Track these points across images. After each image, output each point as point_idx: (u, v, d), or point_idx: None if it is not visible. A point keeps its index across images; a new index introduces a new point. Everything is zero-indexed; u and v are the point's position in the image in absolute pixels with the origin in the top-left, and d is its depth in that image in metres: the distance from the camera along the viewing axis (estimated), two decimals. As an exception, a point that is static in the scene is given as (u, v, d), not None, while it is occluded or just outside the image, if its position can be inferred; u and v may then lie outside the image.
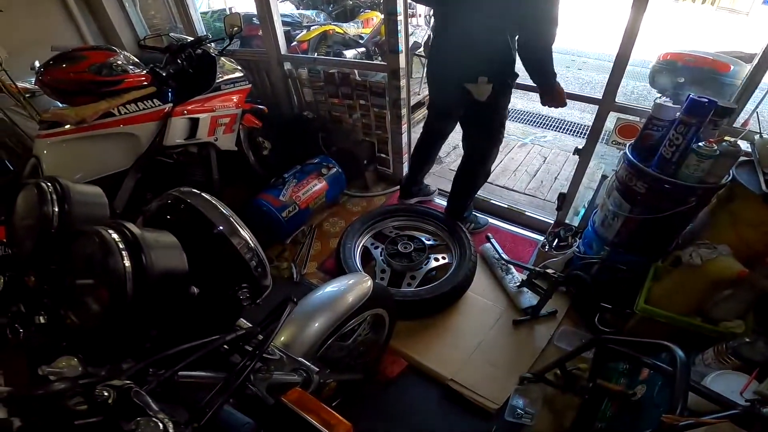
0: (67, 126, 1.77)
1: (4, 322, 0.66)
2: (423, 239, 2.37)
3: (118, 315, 0.52)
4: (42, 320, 0.64)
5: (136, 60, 2.01)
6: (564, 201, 2.33)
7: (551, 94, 1.94)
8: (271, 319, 0.77)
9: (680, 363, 1.05)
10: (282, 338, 1.24)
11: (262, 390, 0.79)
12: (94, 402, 0.45)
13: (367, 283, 1.42)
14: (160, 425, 0.44)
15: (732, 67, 3.27)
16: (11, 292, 0.68)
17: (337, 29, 4.16)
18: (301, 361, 1.13)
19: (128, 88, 1.89)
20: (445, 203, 2.62)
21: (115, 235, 0.53)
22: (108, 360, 0.56)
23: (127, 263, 0.52)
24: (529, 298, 2.14)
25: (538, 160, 3.54)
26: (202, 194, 0.74)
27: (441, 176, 3.31)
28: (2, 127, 2.31)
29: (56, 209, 0.65)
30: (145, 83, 1.95)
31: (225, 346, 0.75)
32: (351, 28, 4.48)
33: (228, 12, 2.95)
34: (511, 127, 4.22)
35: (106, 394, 0.46)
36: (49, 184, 0.68)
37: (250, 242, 0.73)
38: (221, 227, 0.70)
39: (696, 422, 1.00)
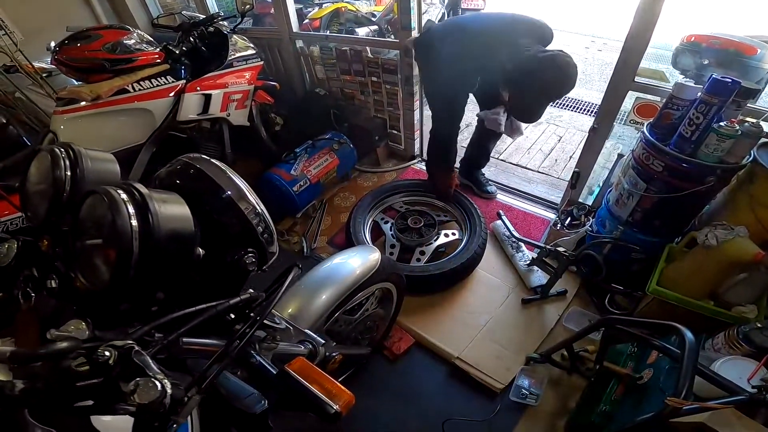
0: (83, 102, 1.81)
1: (15, 292, 0.66)
2: (433, 215, 2.37)
3: (125, 274, 0.53)
4: (53, 284, 0.65)
5: (150, 38, 2.04)
6: (578, 179, 2.29)
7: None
8: (276, 287, 0.78)
9: (689, 345, 1.04)
10: (289, 309, 1.26)
11: (266, 360, 0.80)
12: (95, 363, 0.46)
13: (375, 255, 1.42)
14: (158, 385, 0.44)
15: (759, 51, 3.16)
16: (25, 257, 0.69)
17: (350, 6, 4.09)
18: (307, 332, 1.14)
19: (142, 66, 1.92)
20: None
21: (123, 195, 0.54)
22: (117, 324, 0.57)
23: (134, 222, 0.52)
24: (538, 277, 2.13)
25: (553, 140, 3.47)
26: (212, 160, 0.75)
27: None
28: (20, 106, 2.37)
29: (68, 173, 0.67)
30: (159, 61, 1.98)
31: (231, 315, 0.75)
32: (363, 6, 4.41)
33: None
34: (526, 106, 4.13)
35: (107, 354, 0.46)
36: (62, 149, 0.70)
37: (258, 207, 0.74)
38: (229, 192, 0.71)
39: (701, 407, 0.99)
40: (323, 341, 1.15)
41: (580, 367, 1.70)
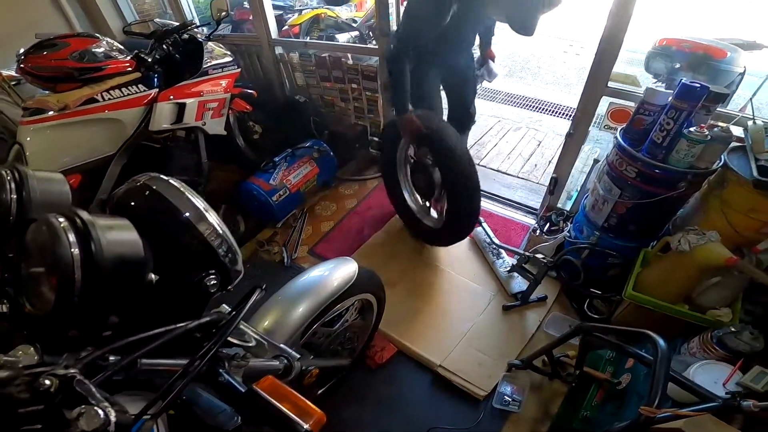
0: (51, 112, 1.76)
1: None
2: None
3: (69, 303, 0.51)
4: (4, 308, 0.63)
5: (120, 46, 2.00)
6: (556, 185, 2.31)
7: None
8: (240, 307, 0.76)
9: (660, 353, 1.04)
10: (265, 324, 1.24)
11: (235, 377, 0.79)
12: (36, 391, 0.45)
13: (352, 267, 1.41)
14: (101, 413, 0.44)
15: (728, 54, 3.22)
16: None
17: (330, 12, 4.08)
18: (282, 347, 1.12)
19: (112, 74, 1.88)
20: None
21: (64, 223, 0.52)
22: (68, 348, 0.55)
23: (75, 251, 0.51)
24: (519, 283, 2.14)
25: (532, 144, 3.51)
26: (170, 180, 0.73)
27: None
28: (-12, 116, 2.29)
29: (14, 196, 0.64)
30: (130, 69, 1.93)
31: (197, 334, 0.74)
32: (344, 12, 4.39)
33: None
34: (506, 111, 4.18)
35: (47, 383, 0.46)
36: (8, 171, 0.67)
37: (219, 229, 0.71)
38: (187, 213, 0.69)
39: (674, 414, 1.00)
40: (298, 355, 1.14)
41: (561, 373, 1.71)
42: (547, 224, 2.31)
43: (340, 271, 1.37)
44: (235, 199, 2.57)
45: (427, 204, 2.44)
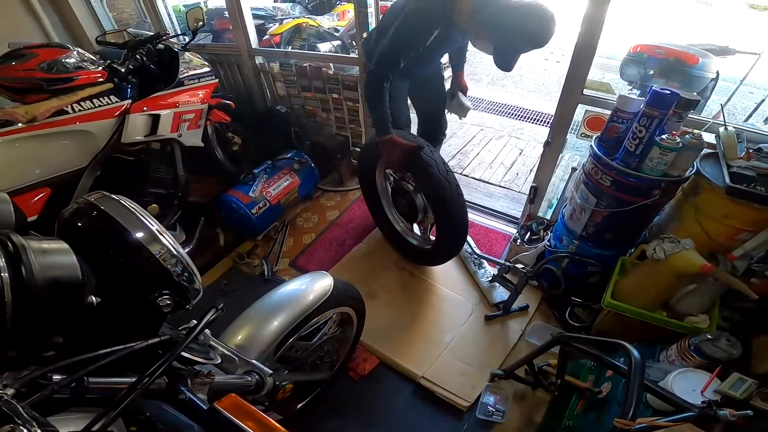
0: (19, 124, 1.71)
1: None
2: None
3: (1, 326, 0.50)
4: None
5: (92, 57, 1.95)
6: (536, 194, 2.32)
7: None
8: (193, 328, 0.74)
9: (635, 364, 1.02)
10: (237, 339, 1.21)
11: (197, 395, 0.77)
12: None
13: (327, 282, 1.39)
14: None
15: (700, 60, 3.25)
16: None
17: (311, 22, 4.10)
18: (254, 362, 1.10)
19: (82, 85, 1.83)
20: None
21: (-6, 247, 0.50)
22: (9, 367, 0.54)
23: (4, 275, 0.49)
24: (500, 293, 2.13)
25: (514, 153, 3.54)
26: (121, 200, 0.70)
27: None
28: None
29: None
30: (101, 80, 1.89)
31: (159, 351, 0.73)
32: (325, 21, 4.41)
33: (202, 5, 2.88)
34: (488, 119, 4.22)
35: None
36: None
37: (173, 249, 0.69)
38: (139, 234, 0.66)
39: (650, 425, 0.99)
40: (270, 371, 1.11)
41: (543, 382, 1.70)
42: (528, 233, 2.32)
43: (315, 286, 1.36)
44: (215, 212, 2.53)
45: (413, 226, 2.43)
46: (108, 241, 0.65)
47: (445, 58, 2.27)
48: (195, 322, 0.79)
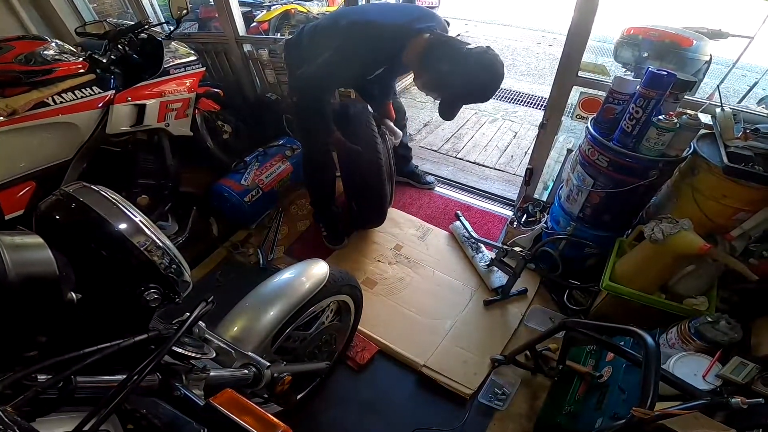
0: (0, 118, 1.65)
1: None
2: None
3: None
4: None
5: (72, 48, 1.89)
6: (532, 176, 2.30)
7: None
8: (181, 323, 0.71)
9: (651, 353, 0.99)
10: (232, 332, 1.19)
11: (193, 391, 0.75)
12: None
13: (323, 269, 1.36)
14: None
15: (694, 42, 3.24)
16: None
17: (300, 8, 4.00)
18: (250, 355, 1.08)
19: (63, 77, 1.77)
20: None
21: (-35, 243, 0.46)
22: None
23: None
24: (499, 278, 2.12)
25: (509, 136, 3.52)
26: (102, 191, 0.67)
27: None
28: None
29: None
30: (82, 71, 1.83)
31: (152, 346, 0.70)
32: (315, 7, 4.32)
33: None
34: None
35: None
36: None
37: (158, 241, 0.66)
38: (121, 226, 0.63)
39: (662, 413, 0.98)
40: (268, 363, 1.09)
41: (543, 367, 1.69)
42: (525, 215, 2.30)
43: (310, 274, 1.33)
44: (207, 201, 2.49)
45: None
46: (88, 234, 0.62)
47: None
48: (188, 314, 0.77)
